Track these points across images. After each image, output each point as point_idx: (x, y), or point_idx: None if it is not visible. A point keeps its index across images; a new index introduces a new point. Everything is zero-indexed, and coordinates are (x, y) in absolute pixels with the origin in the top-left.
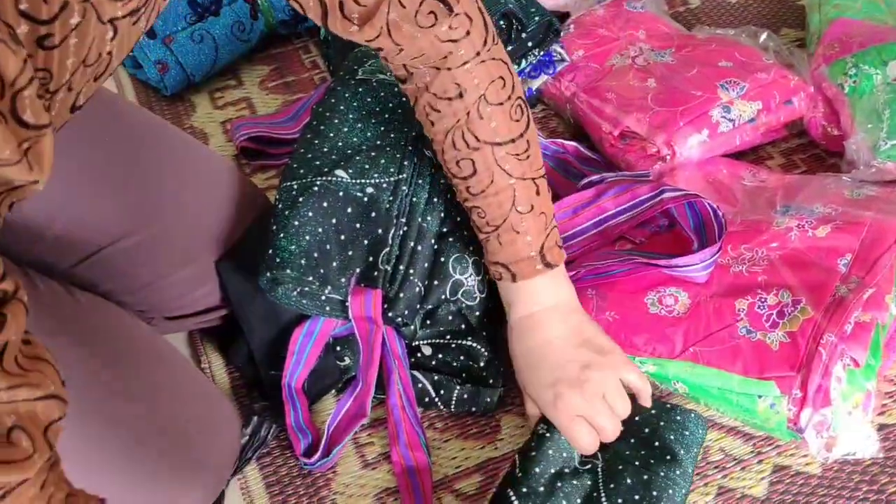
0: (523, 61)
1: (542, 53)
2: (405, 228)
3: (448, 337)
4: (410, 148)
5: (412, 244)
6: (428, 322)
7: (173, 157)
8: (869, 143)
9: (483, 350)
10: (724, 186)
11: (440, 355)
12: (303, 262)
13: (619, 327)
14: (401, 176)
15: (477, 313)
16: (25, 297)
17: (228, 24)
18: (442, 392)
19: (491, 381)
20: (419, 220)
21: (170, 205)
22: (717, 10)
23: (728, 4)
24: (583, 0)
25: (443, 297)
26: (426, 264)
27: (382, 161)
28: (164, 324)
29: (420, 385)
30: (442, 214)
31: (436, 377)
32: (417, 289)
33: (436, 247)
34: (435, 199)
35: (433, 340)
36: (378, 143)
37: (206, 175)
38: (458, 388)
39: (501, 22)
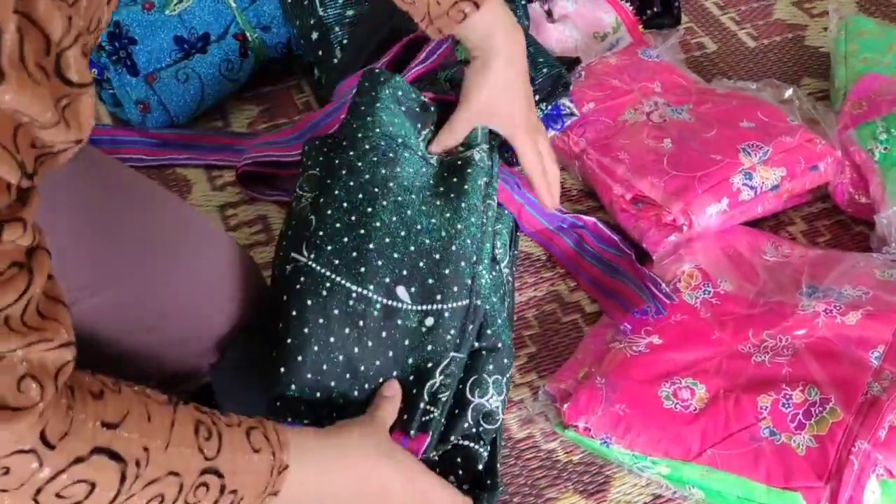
0: None
1: (549, 107)
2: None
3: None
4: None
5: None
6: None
7: (164, 224)
8: None
9: (483, 452)
10: (743, 260)
11: (438, 455)
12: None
13: (630, 423)
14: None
15: (494, 437)
16: (46, 242)
17: (216, 62)
18: None
19: (489, 482)
20: None
21: (163, 272)
22: (734, 56)
23: (746, 49)
24: (593, 43)
25: (465, 425)
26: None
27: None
28: None
29: None
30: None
31: None
32: (440, 429)
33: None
34: None
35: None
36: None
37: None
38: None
39: None
